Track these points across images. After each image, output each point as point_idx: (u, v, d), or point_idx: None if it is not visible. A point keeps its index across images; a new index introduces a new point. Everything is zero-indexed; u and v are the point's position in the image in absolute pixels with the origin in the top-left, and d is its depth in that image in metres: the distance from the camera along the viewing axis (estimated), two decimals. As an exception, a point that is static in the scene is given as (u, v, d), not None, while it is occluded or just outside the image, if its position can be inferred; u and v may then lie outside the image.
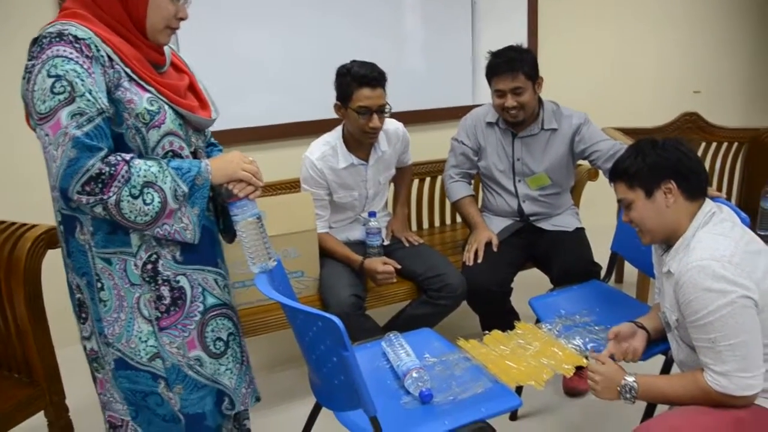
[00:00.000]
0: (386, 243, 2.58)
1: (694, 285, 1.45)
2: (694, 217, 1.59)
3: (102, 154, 1.31)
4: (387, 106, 2.29)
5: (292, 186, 2.75)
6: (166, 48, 1.55)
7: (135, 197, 1.34)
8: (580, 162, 2.69)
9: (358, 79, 2.25)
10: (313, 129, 2.63)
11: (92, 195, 1.32)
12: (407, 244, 2.58)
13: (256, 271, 1.55)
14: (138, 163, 1.36)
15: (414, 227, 3.15)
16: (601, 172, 2.55)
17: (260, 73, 3.01)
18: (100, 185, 1.31)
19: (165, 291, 1.48)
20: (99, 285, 1.45)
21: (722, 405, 1.48)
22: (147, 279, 1.46)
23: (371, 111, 2.26)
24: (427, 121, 3.40)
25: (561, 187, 2.63)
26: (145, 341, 1.49)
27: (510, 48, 2.39)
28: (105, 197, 1.32)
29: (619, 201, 1.70)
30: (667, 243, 1.65)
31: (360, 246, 2.52)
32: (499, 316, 2.36)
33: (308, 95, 3.04)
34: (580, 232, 2.61)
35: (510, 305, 2.52)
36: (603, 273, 2.46)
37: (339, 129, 2.43)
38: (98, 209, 1.34)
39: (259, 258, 1.53)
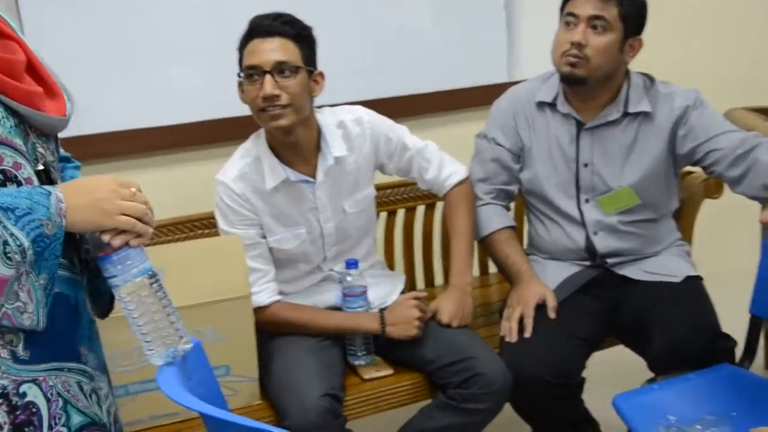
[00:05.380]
0: (374, 310, 2.38)
1: None
2: None
3: None
4: (291, 66, 2.13)
5: (211, 224, 2.56)
6: None
7: None
8: (690, 168, 2.52)
9: (247, 34, 2.16)
10: (247, 129, 2.44)
11: None
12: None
13: (160, 362, 1.43)
14: None
15: (419, 284, 3.01)
16: (726, 183, 2.36)
17: (163, 41, 2.78)
18: None
19: (1, 413, 1.34)
20: None
21: None
22: None
23: (262, 71, 2.12)
24: (440, 110, 3.25)
25: (658, 211, 2.46)
26: None
27: None
28: None
29: None
30: None
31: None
32: (564, 425, 2.30)
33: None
34: (694, 283, 2.40)
35: (583, 408, 2.38)
36: (740, 353, 2.28)
37: (262, 132, 2.31)
38: None
39: (161, 341, 1.43)
